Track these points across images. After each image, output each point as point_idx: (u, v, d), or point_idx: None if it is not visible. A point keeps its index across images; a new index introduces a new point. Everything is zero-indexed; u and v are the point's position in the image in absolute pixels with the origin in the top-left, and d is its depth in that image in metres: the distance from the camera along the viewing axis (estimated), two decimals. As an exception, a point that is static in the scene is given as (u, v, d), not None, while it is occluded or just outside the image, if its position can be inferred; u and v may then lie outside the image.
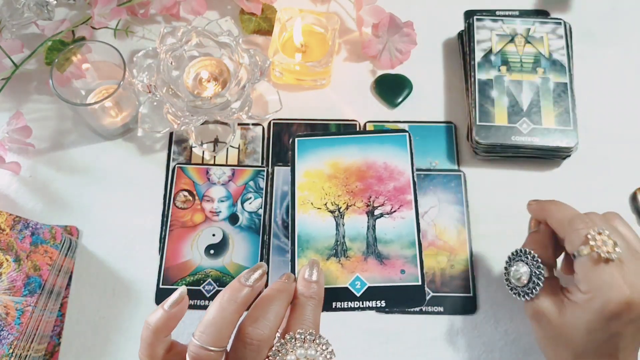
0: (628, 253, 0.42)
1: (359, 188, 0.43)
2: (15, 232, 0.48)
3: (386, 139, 0.46)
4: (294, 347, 0.35)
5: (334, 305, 0.41)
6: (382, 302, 0.41)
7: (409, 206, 0.43)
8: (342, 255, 0.42)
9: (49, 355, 0.51)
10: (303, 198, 0.43)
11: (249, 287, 0.37)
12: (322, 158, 0.45)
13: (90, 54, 0.58)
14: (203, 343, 0.34)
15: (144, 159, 0.59)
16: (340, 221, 0.43)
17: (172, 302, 0.37)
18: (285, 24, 0.62)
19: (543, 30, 0.61)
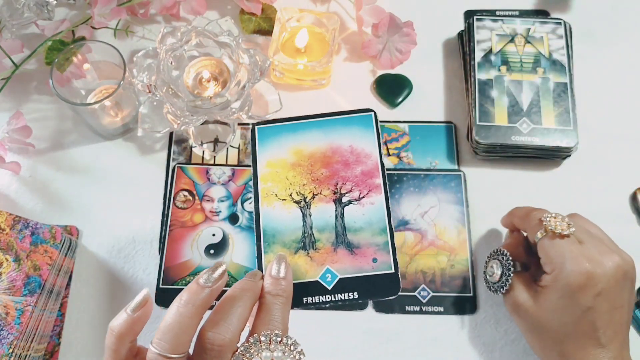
0: (585, 234, 0.45)
1: (324, 175, 0.41)
2: (15, 232, 0.48)
3: (351, 120, 0.43)
4: (258, 350, 0.33)
5: (304, 301, 0.38)
6: (354, 293, 0.39)
7: (378, 190, 0.41)
8: (310, 247, 0.40)
9: (49, 355, 0.51)
10: (267, 190, 0.41)
11: (208, 289, 0.35)
12: (285, 146, 0.42)
13: (90, 54, 0.58)
14: (161, 351, 0.33)
15: (144, 159, 0.59)
16: (306, 212, 0.40)
17: (135, 305, 0.35)
18: (285, 24, 0.62)
19: (543, 30, 0.61)
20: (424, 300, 0.53)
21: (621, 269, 0.42)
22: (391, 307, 0.53)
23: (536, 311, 0.44)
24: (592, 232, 0.46)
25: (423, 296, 0.54)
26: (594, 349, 0.42)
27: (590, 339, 0.42)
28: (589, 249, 0.43)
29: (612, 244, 0.46)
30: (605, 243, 0.45)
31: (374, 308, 0.53)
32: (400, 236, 0.56)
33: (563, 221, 0.45)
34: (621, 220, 0.56)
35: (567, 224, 0.45)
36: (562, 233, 0.44)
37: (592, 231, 0.46)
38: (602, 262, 0.42)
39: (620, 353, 0.42)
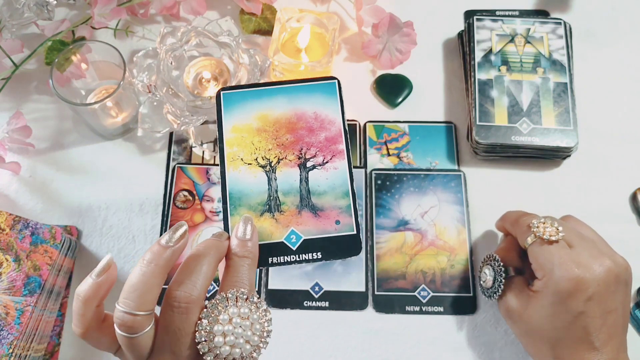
0: (576, 238, 0.44)
1: (289, 140, 0.42)
2: (15, 232, 0.48)
3: (315, 87, 0.44)
4: (225, 307, 0.34)
5: (270, 261, 0.39)
6: (318, 254, 0.40)
7: (341, 156, 0.42)
8: (275, 210, 0.40)
9: (49, 355, 0.51)
10: (232, 154, 0.41)
11: (170, 249, 0.35)
12: (250, 111, 0.43)
13: (90, 54, 0.58)
14: (127, 308, 0.33)
15: (144, 159, 0.59)
16: (272, 176, 0.41)
17: (98, 270, 0.35)
18: (285, 24, 0.62)
19: (543, 30, 0.61)
20: (424, 300, 0.53)
21: (612, 273, 0.42)
22: (391, 307, 0.53)
23: (529, 316, 0.45)
24: (585, 234, 0.46)
25: (423, 296, 0.54)
26: (588, 353, 0.42)
27: (584, 343, 0.42)
28: (579, 253, 0.43)
29: (605, 246, 0.45)
30: (597, 246, 0.44)
31: (374, 308, 0.53)
32: (400, 236, 0.56)
33: (552, 226, 0.45)
34: (621, 220, 0.56)
35: (556, 229, 0.44)
36: (550, 239, 0.44)
37: (585, 233, 0.46)
38: (592, 266, 0.42)
39: (616, 355, 0.42)
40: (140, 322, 0.34)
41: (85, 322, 0.35)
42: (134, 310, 0.33)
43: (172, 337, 0.34)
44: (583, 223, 0.48)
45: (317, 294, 0.54)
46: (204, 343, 0.34)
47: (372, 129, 0.61)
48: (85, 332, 0.35)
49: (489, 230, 0.56)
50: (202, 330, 0.34)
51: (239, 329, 0.34)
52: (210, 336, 0.34)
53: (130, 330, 0.34)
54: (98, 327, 0.36)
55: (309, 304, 0.53)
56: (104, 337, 0.36)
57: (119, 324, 0.34)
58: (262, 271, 0.54)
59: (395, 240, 0.55)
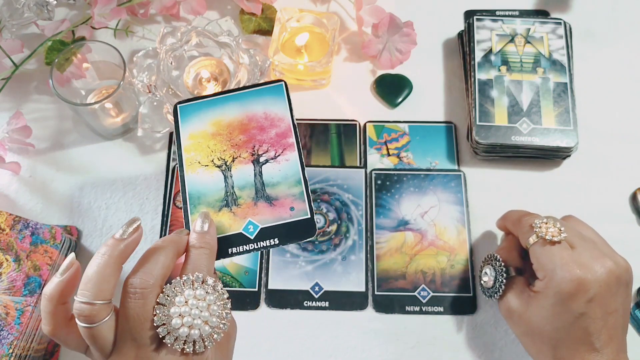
0: (578, 239, 0.44)
1: (242, 140, 0.45)
2: (15, 232, 0.48)
3: (263, 91, 0.47)
4: (182, 290, 0.35)
5: (230, 251, 0.41)
6: (275, 240, 0.42)
7: (291, 148, 0.44)
8: (233, 204, 0.43)
9: (49, 355, 0.51)
10: (190, 159, 0.44)
11: (123, 241, 0.37)
12: (205, 119, 0.46)
13: (90, 54, 0.58)
14: (83, 298, 0.35)
15: (144, 159, 0.59)
16: (228, 174, 0.44)
17: (62, 269, 0.37)
18: (285, 24, 0.62)
19: (543, 30, 0.61)
20: (424, 300, 0.53)
21: (614, 274, 0.42)
22: (391, 307, 0.53)
23: (529, 317, 0.44)
24: (586, 235, 0.46)
25: (423, 296, 0.54)
26: (589, 354, 0.41)
27: (584, 344, 0.42)
28: (581, 254, 0.43)
29: (607, 247, 0.45)
30: (599, 247, 0.44)
31: (374, 308, 0.53)
32: (400, 236, 0.56)
33: (555, 226, 0.44)
34: (621, 220, 0.56)
35: (558, 230, 0.44)
36: (552, 239, 0.43)
37: (586, 234, 0.46)
38: (594, 267, 0.42)
39: (616, 356, 0.42)
40: (98, 311, 0.35)
41: (53, 320, 0.36)
42: (90, 300, 0.35)
43: (132, 323, 0.35)
44: (584, 223, 0.48)
45: (317, 294, 0.54)
46: (162, 326, 0.35)
47: (372, 129, 0.61)
48: (53, 329, 0.36)
49: (489, 230, 0.56)
50: (160, 314, 0.35)
51: (195, 310, 0.35)
52: (168, 319, 0.35)
53: (88, 319, 0.35)
54: (65, 325, 0.37)
55: (309, 304, 0.53)
56: (71, 334, 0.37)
57: (78, 314, 0.35)
58: (262, 272, 0.54)
59: (395, 240, 0.55)
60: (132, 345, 0.35)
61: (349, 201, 0.57)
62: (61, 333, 0.37)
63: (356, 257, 0.55)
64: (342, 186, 0.58)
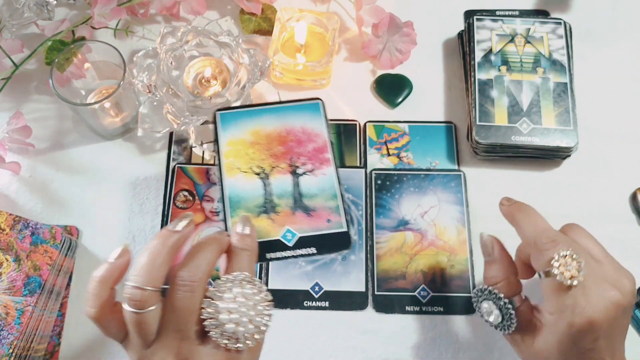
0: (589, 269, 0.41)
1: (281, 151, 0.46)
2: (15, 232, 0.48)
3: (302, 107, 0.49)
4: (230, 287, 0.36)
5: (267, 257, 0.43)
6: (312, 249, 0.43)
7: (328, 163, 0.46)
8: (271, 211, 0.44)
9: (49, 355, 0.51)
10: (229, 164, 0.46)
11: (177, 233, 0.38)
12: (244, 128, 0.47)
13: (90, 54, 0.58)
14: (135, 283, 0.35)
15: (144, 159, 0.59)
16: (266, 182, 0.45)
17: (115, 254, 0.38)
18: (285, 24, 0.62)
19: (543, 30, 0.61)
20: (424, 300, 0.53)
21: (621, 307, 0.41)
22: (391, 307, 0.53)
23: (536, 348, 0.43)
24: (594, 254, 0.43)
25: (423, 296, 0.54)
26: None
27: None
28: (591, 289, 0.41)
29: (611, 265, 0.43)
30: (606, 272, 0.42)
31: (374, 308, 0.53)
32: (400, 236, 0.56)
33: (574, 261, 0.41)
34: (621, 220, 0.56)
35: (577, 268, 0.40)
36: (571, 284, 0.40)
37: (594, 253, 0.43)
38: (603, 305, 0.40)
39: None
40: (148, 297, 0.35)
41: (99, 302, 0.37)
42: (142, 285, 0.35)
43: (178, 315, 0.35)
44: (588, 235, 0.45)
45: (317, 294, 0.54)
46: (210, 320, 0.35)
47: (372, 129, 0.61)
48: (97, 312, 0.37)
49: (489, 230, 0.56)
50: (209, 307, 0.36)
51: (242, 308, 0.36)
52: (216, 313, 0.35)
53: (138, 305, 0.35)
54: (109, 310, 0.37)
55: (309, 304, 0.53)
56: (113, 320, 0.37)
57: (129, 298, 0.35)
58: (262, 271, 0.54)
59: (395, 240, 0.55)
60: (175, 337, 0.36)
61: (349, 201, 0.57)
62: (105, 318, 0.37)
63: (356, 257, 0.55)
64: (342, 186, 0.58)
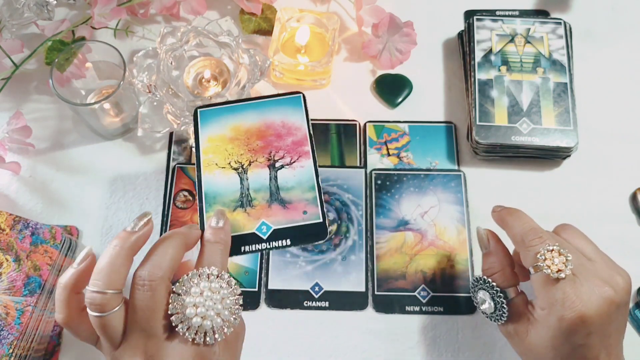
0: (581, 266, 0.42)
1: (259, 146, 0.47)
2: (15, 232, 0.48)
3: (282, 101, 0.49)
4: (198, 282, 0.37)
5: (242, 249, 0.43)
6: (287, 240, 0.43)
7: (307, 156, 0.46)
8: (247, 205, 0.44)
9: (49, 355, 0.51)
10: (208, 160, 0.46)
11: (135, 234, 0.38)
12: (224, 124, 0.48)
13: (90, 54, 0.58)
14: (95, 287, 0.36)
15: (144, 159, 0.59)
16: (244, 176, 0.45)
17: (79, 259, 0.38)
18: (285, 24, 0.62)
19: (543, 30, 0.61)
20: (424, 300, 0.53)
21: (613, 304, 0.41)
22: (391, 307, 0.53)
23: (529, 342, 0.43)
24: (586, 253, 0.44)
25: (423, 296, 0.54)
26: None
27: None
28: (582, 285, 0.41)
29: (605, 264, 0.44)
30: (598, 268, 0.43)
31: (374, 308, 0.53)
32: (400, 236, 0.56)
33: (560, 255, 0.42)
34: (621, 220, 0.56)
35: (564, 262, 0.41)
36: (558, 277, 0.41)
37: (586, 251, 0.44)
38: (594, 300, 0.41)
39: None
40: (109, 300, 0.36)
41: (67, 308, 0.37)
42: (101, 289, 0.36)
43: (140, 315, 0.36)
44: (581, 235, 0.46)
45: (317, 294, 0.54)
46: (176, 315, 0.36)
47: (372, 129, 0.61)
48: (66, 318, 0.37)
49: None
50: (175, 302, 0.36)
51: (209, 302, 0.36)
52: (182, 308, 0.36)
53: (99, 308, 0.35)
54: (78, 315, 0.38)
55: (309, 304, 0.53)
56: (82, 324, 0.38)
57: (90, 303, 0.36)
58: (262, 271, 0.54)
59: (395, 240, 0.55)
60: (141, 336, 0.36)
61: (349, 201, 0.57)
62: (74, 322, 0.37)
63: (356, 257, 0.55)
64: (342, 186, 0.58)
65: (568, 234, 0.45)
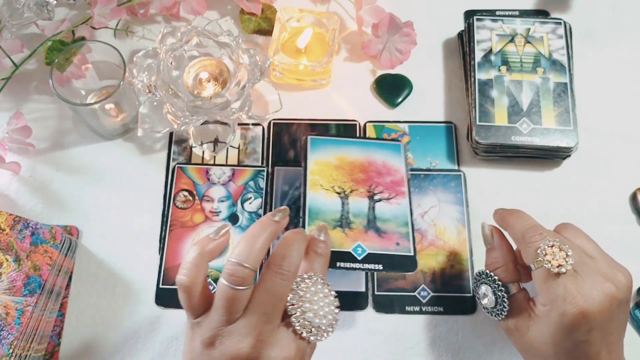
0: (582, 263, 0.42)
1: (362, 178, 0.52)
2: (15, 232, 0.48)
3: (385, 145, 0.55)
4: (314, 283, 0.41)
5: (337, 265, 0.47)
6: (379, 265, 0.47)
7: (403, 195, 0.52)
8: (346, 226, 0.49)
9: (49, 355, 0.51)
10: (314, 180, 0.51)
11: (276, 222, 0.42)
12: (331, 153, 0.53)
13: (90, 54, 0.57)
14: (239, 260, 0.39)
15: (144, 159, 0.59)
16: (345, 201, 0.50)
17: (219, 232, 0.42)
18: (285, 24, 0.62)
19: (543, 30, 0.61)
20: (424, 300, 0.53)
21: (615, 300, 0.41)
22: (391, 307, 0.53)
23: (530, 338, 0.44)
24: (587, 251, 0.44)
25: (423, 296, 0.54)
26: None
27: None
28: (584, 280, 0.41)
29: (606, 262, 0.44)
30: (599, 266, 0.43)
31: (374, 308, 0.53)
32: (401, 236, 0.56)
33: (561, 250, 0.42)
34: (621, 220, 0.57)
35: (564, 257, 0.42)
36: (559, 272, 0.41)
37: (587, 249, 0.44)
38: (596, 297, 0.41)
39: None
40: (248, 276, 0.38)
41: (196, 274, 0.39)
42: (244, 263, 0.39)
43: (270, 299, 0.39)
44: (582, 234, 0.46)
45: (317, 294, 0.54)
46: (293, 306, 0.39)
47: (372, 129, 0.61)
48: (191, 282, 0.39)
49: (489, 230, 0.56)
50: (296, 295, 0.40)
51: (321, 302, 0.40)
52: (301, 304, 0.39)
53: (239, 281, 0.38)
54: (199, 283, 0.40)
55: (309, 304, 0.53)
56: (198, 294, 0.40)
57: (230, 274, 0.38)
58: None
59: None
60: (261, 319, 0.38)
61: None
62: (194, 288, 0.39)
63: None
64: (342, 186, 0.58)
65: (569, 233, 0.46)
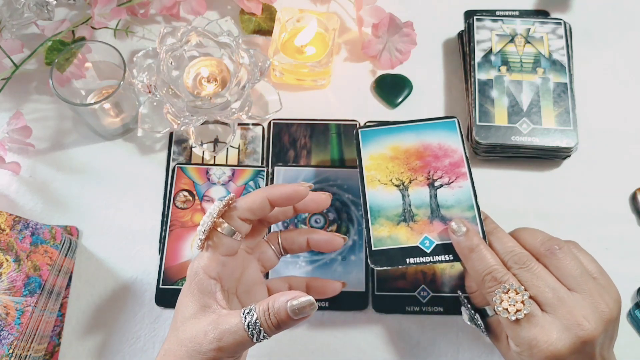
0: (557, 300, 0.40)
1: (419, 165, 0.49)
2: (15, 232, 0.48)
3: (438, 125, 0.52)
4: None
5: (407, 261, 0.46)
6: (450, 256, 0.45)
7: (464, 177, 0.49)
8: (410, 220, 0.47)
9: (49, 355, 0.51)
10: (370, 177, 0.49)
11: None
12: (383, 144, 0.51)
13: (90, 54, 0.58)
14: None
15: (144, 159, 0.59)
16: (405, 193, 0.48)
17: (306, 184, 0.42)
18: (285, 24, 0.62)
19: (543, 30, 0.61)
20: (424, 300, 0.53)
21: (590, 341, 0.39)
22: (391, 307, 0.53)
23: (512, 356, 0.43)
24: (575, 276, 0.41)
25: (423, 296, 0.54)
26: None
27: None
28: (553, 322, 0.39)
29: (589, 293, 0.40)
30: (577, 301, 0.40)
31: (374, 308, 0.53)
32: (401, 236, 0.56)
33: (517, 295, 0.40)
34: (621, 220, 0.56)
35: (521, 301, 0.40)
36: (517, 318, 0.40)
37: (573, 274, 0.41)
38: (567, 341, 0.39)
39: None
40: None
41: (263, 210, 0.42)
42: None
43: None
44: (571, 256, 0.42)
45: (318, 294, 0.54)
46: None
47: (373, 129, 0.60)
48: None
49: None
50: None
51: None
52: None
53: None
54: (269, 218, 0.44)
55: (309, 304, 0.53)
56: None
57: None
58: (262, 271, 0.55)
59: (396, 241, 0.55)
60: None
61: (349, 201, 0.57)
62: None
63: (356, 257, 0.55)
64: (342, 186, 0.58)
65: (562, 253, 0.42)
